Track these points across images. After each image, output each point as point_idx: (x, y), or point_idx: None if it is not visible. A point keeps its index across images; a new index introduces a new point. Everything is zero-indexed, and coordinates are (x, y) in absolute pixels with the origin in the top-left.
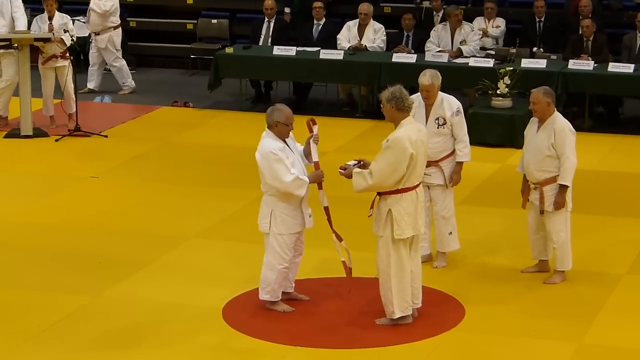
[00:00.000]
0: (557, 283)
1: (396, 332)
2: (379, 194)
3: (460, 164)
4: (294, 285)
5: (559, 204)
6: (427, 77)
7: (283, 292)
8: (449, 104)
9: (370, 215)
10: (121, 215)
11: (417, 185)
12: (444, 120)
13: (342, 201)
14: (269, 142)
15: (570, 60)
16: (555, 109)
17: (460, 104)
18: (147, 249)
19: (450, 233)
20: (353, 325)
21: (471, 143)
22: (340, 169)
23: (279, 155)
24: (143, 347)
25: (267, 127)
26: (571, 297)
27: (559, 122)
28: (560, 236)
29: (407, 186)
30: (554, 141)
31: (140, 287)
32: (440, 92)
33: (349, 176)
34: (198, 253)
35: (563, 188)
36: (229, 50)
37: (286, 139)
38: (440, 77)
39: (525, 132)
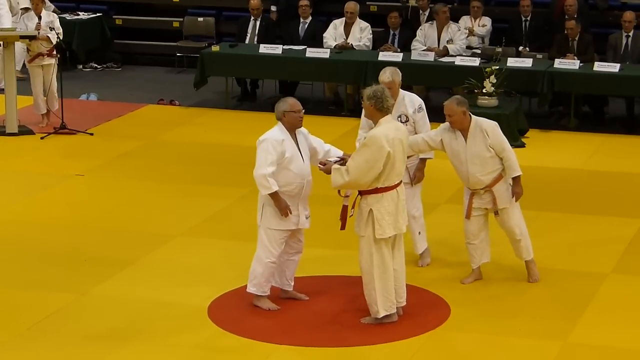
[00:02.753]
0: (538, 273)
1: (381, 330)
2: (360, 193)
3: (423, 161)
4: (292, 283)
5: (519, 194)
6: (387, 75)
7: (282, 291)
8: (411, 101)
9: (352, 215)
10: (107, 214)
11: (398, 184)
12: (407, 117)
13: (324, 199)
14: (272, 131)
15: (556, 60)
16: (470, 114)
17: (422, 101)
18: (132, 247)
19: (420, 233)
20: (338, 324)
21: None
22: (319, 164)
23: (269, 146)
24: (128, 346)
25: (278, 120)
26: (556, 296)
27: (484, 122)
28: (521, 228)
29: (387, 185)
30: (491, 141)
31: (126, 285)
32: (400, 90)
33: (328, 172)
34: (184, 251)
35: (517, 178)
36: (215, 48)
37: (297, 135)
38: (401, 74)
39: (438, 134)
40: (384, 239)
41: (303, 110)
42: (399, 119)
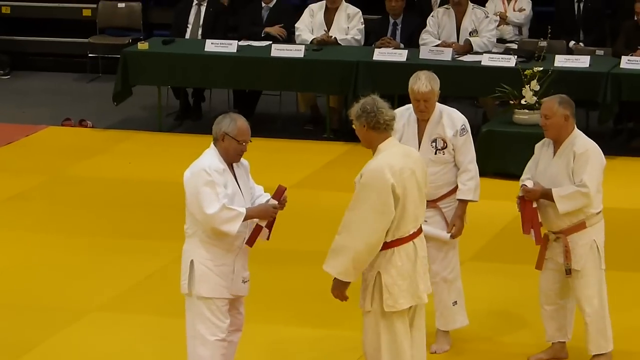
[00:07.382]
0: None
1: None
2: None
3: (464, 203)
4: None
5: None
6: (423, 82)
7: None
8: (451, 120)
9: None
10: None
11: (416, 234)
12: (444, 142)
13: (309, 257)
14: (207, 158)
15: (622, 57)
16: (575, 125)
17: (466, 120)
18: (30, 328)
19: (455, 303)
20: None
21: (485, 174)
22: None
23: (213, 177)
24: None
25: (213, 142)
26: None
27: (582, 142)
28: (593, 304)
29: (397, 237)
30: (574, 166)
31: None
32: (438, 104)
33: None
34: (100, 332)
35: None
36: (143, 46)
37: (235, 167)
38: (439, 81)
39: (535, 157)
40: (396, 313)
41: (249, 142)
42: (434, 144)
